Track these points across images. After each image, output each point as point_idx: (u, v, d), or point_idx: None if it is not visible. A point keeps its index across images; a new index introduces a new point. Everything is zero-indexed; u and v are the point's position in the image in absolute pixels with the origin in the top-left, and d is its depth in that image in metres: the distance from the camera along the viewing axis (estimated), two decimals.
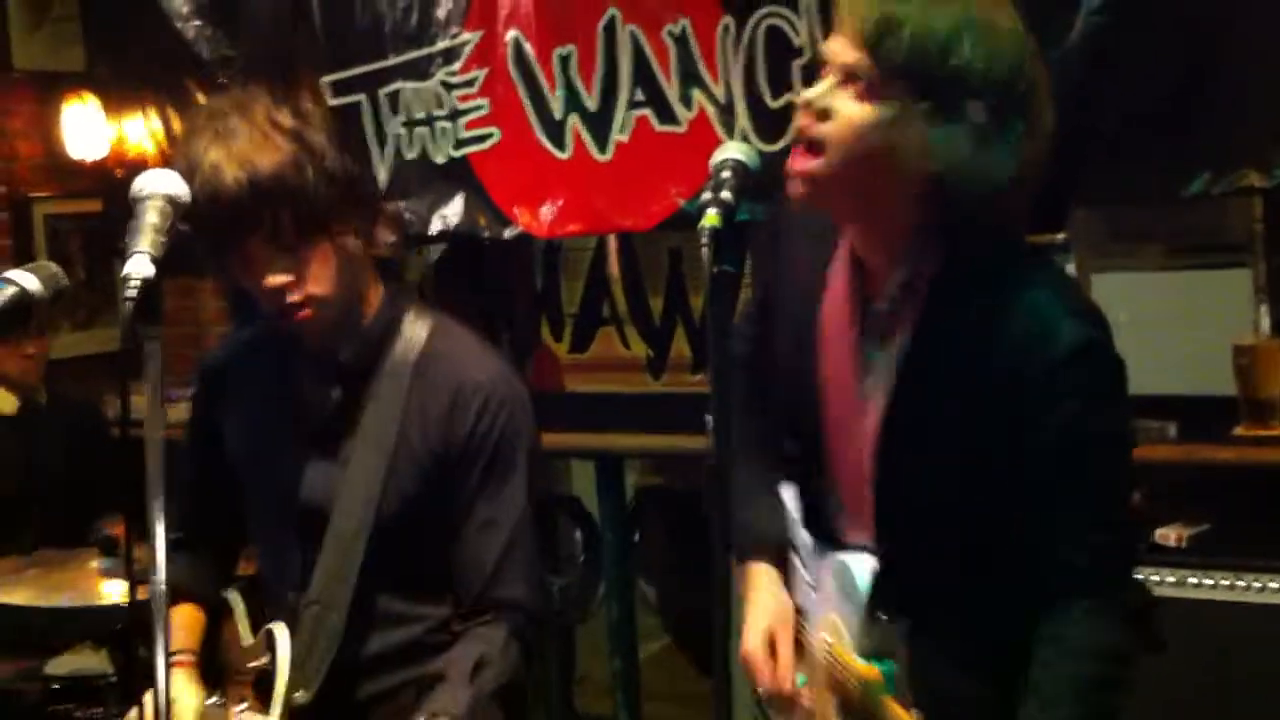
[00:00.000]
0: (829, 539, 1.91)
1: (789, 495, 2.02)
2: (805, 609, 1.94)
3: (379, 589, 2.06)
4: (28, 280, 1.59)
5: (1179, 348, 3.26)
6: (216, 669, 2.16)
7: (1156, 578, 2.74)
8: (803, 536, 1.96)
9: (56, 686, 3.28)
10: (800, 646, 1.93)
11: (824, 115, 1.65)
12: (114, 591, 3.25)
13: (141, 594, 1.54)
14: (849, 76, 1.64)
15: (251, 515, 2.20)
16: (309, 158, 1.94)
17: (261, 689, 2.05)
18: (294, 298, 1.96)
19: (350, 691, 2.07)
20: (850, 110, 1.63)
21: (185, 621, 2.16)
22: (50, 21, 4.95)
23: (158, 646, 1.49)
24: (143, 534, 1.56)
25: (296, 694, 2.01)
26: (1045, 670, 1.67)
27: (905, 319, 1.75)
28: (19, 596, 3.18)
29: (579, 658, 4.49)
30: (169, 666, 1.99)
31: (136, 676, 3.10)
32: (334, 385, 2.08)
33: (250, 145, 1.90)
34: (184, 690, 2.06)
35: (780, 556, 1.99)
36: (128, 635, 3.19)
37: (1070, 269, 3.58)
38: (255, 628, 2.14)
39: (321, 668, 2.02)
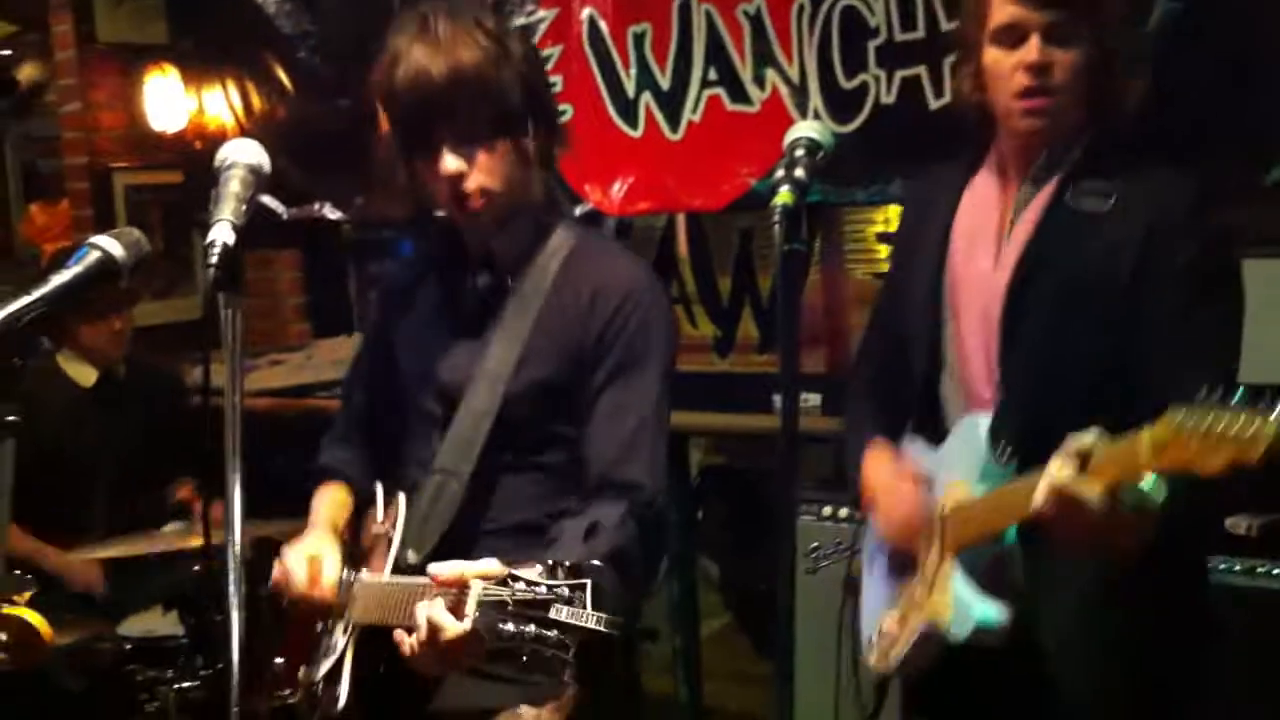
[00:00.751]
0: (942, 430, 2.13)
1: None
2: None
3: (500, 466, 2.11)
4: (112, 246, 1.61)
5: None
6: (353, 545, 2.22)
7: (1225, 566, 2.71)
8: (916, 445, 2.16)
9: (129, 647, 3.34)
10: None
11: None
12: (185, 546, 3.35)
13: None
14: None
15: (400, 402, 2.26)
16: (507, 60, 2.02)
17: (381, 551, 2.12)
18: (469, 186, 2.03)
19: (462, 557, 2.05)
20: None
21: (331, 498, 2.27)
22: None
23: (233, 612, 1.51)
24: (216, 497, 1.59)
25: (408, 553, 2.07)
26: None
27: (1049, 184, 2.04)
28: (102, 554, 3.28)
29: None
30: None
31: (209, 638, 3.18)
32: (483, 273, 2.15)
33: (456, 41, 1.99)
34: (328, 549, 2.14)
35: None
36: (198, 598, 3.26)
37: None
38: (390, 503, 2.20)
39: (435, 532, 2.07)
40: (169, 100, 4.98)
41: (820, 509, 3.33)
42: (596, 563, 1.70)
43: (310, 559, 2.10)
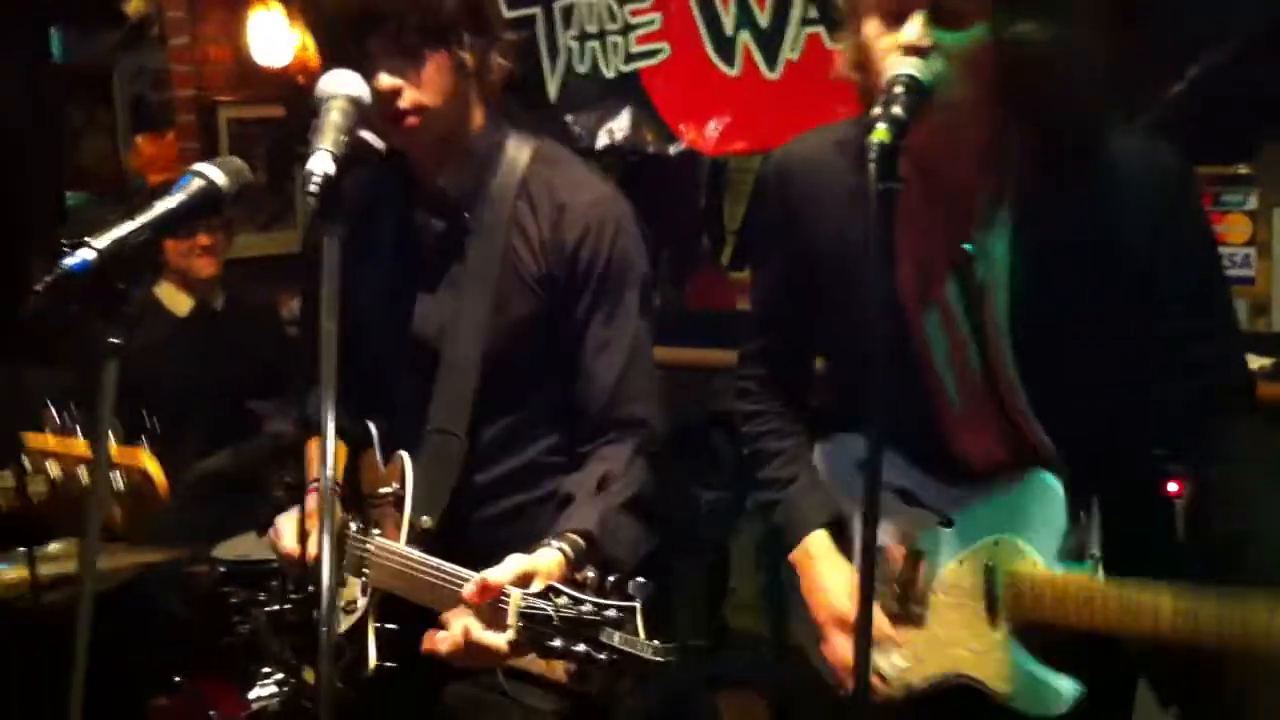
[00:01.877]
0: (942, 469, 1.90)
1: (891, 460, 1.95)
2: (926, 549, 1.92)
3: (496, 414, 2.08)
4: (215, 174, 1.63)
5: None
6: (356, 494, 2.21)
7: None
8: (913, 475, 1.94)
9: (223, 569, 3.40)
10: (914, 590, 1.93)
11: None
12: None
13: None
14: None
15: (373, 351, 2.21)
16: None
17: (392, 513, 2.10)
18: (404, 103, 1.97)
19: (472, 514, 2.10)
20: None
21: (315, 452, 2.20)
22: None
23: (325, 537, 1.53)
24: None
25: (422, 519, 2.05)
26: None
27: (1001, 205, 1.78)
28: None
29: (731, 573, 4.53)
30: (310, 492, 2.09)
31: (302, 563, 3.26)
32: (438, 216, 2.10)
33: None
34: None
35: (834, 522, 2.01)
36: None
37: (1252, 202, 3.45)
38: (387, 452, 2.18)
39: (444, 493, 2.06)
40: (274, 35, 5.04)
41: None
42: (642, 580, 1.65)
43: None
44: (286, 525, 2.15)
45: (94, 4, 6.90)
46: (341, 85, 1.68)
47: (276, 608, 3.21)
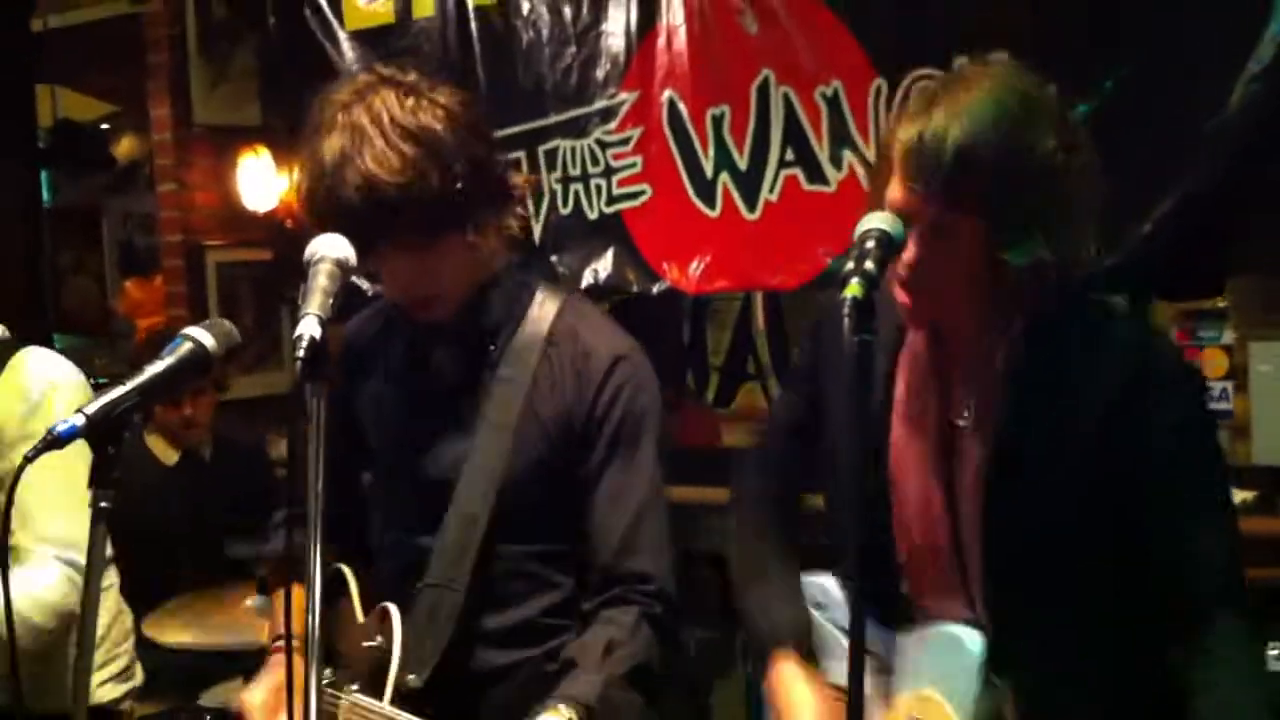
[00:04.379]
0: (900, 619, 1.90)
1: (834, 590, 2.03)
2: (875, 692, 1.89)
3: (499, 568, 2.01)
4: (203, 337, 1.65)
5: None
6: (328, 643, 2.08)
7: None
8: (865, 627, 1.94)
9: (208, 718, 3.39)
10: None
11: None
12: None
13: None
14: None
15: (375, 492, 2.18)
16: (434, 162, 1.88)
17: (374, 669, 2.01)
18: (422, 294, 1.97)
19: (464, 670, 2.02)
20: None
21: (302, 603, 2.13)
22: (229, 80, 5.20)
23: (312, 685, 1.52)
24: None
25: (409, 677, 1.96)
26: (1222, 691, 1.68)
27: (993, 387, 1.80)
28: (181, 637, 3.32)
29: (715, 715, 4.48)
30: (274, 651, 2.10)
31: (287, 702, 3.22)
32: (460, 362, 2.05)
33: (372, 153, 1.85)
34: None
35: (802, 651, 1.99)
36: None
37: (1228, 336, 3.50)
38: (366, 603, 2.10)
39: (436, 650, 1.98)
40: (261, 180, 5.12)
41: None
42: None
43: (277, 689, 2.01)
44: (255, 697, 2.05)
45: (84, 147, 7.04)
46: (328, 249, 1.71)
47: None
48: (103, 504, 1.55)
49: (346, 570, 2.15)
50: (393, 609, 2.01)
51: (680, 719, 4.16)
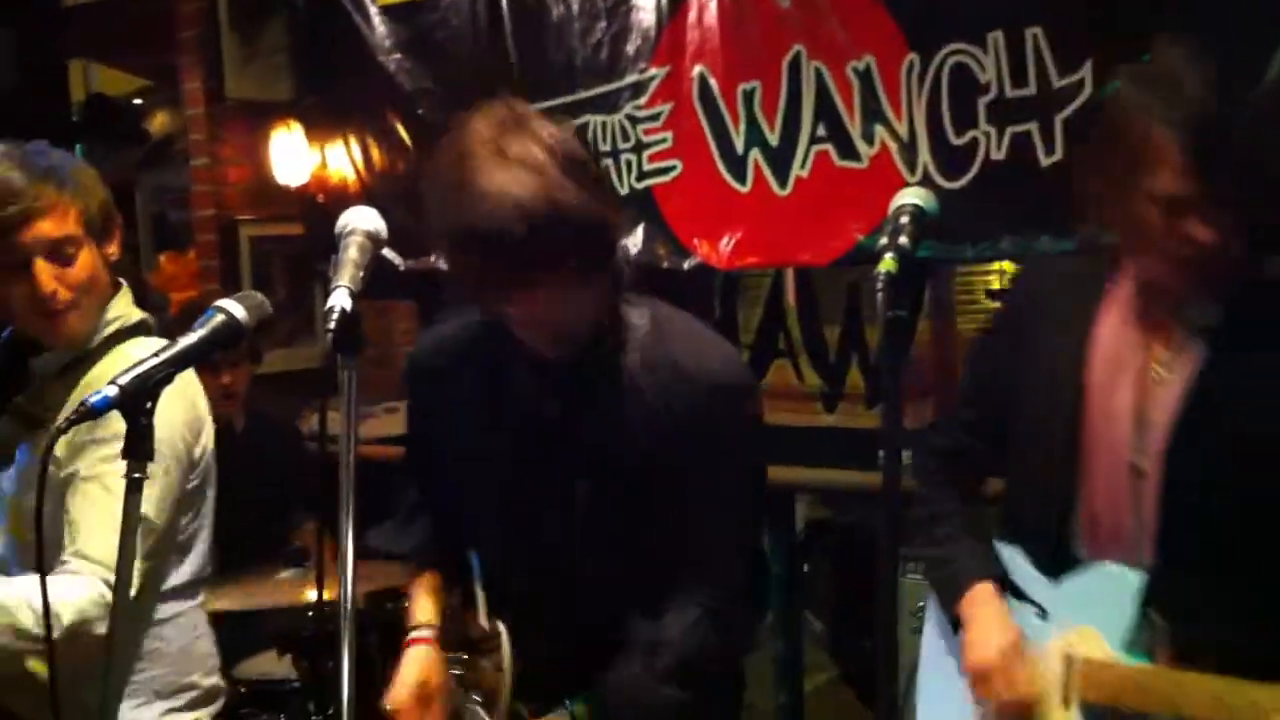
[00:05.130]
0: (1063, 566, 2.06)
1: (1005, 547, 2.17)
2: (1030, 638, 2.09)
3: (600, 591, 2.04)
4: (235, 309, 1.67)
5: None
6: (454, 630, 2.21)
7: None
8: (1028, 572, 2.11)
9: (243, 690, 3.40)
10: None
11: None
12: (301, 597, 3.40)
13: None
14: None
15: (470, 510, 2.19)
16: (602, 194, 1.86)
17: (490, 687, 2.12)
18: (566, 329, 1.93)
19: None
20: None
21: (428, 592, 2.23)
22: (261, 55, 5.21)
23: (344, 659, 1.54)
24: (334, 546, 1.64)
25: (519, 707, 2.07)
26: None
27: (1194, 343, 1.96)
28: (213, 606, 3.33)
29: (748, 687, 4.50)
30: (410, 643, 2.17)
31: (323, 683, 3.24)
32: (553, 395, 2.01)
33: (547, 184, 1.77)
34: (431, 669, 2.14)
35: (999, 586, 2.15)
36: (313, 644, 3.32)
37: None
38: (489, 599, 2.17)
39: (547, 680, 2.06)
40: (293, 155, 5.13)
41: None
42: None
43: (420, 684, 2.11)
44: (399, 696, 2.12)
45: (117, 122, 7.08)
46: (360, 220, 1.72)
47: None
48: (135, 475, 1.56)
49: (475, 559, 2.20)
50: (505, 633, 2.10)
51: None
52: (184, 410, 2.36)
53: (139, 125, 7.19)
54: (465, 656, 2.18)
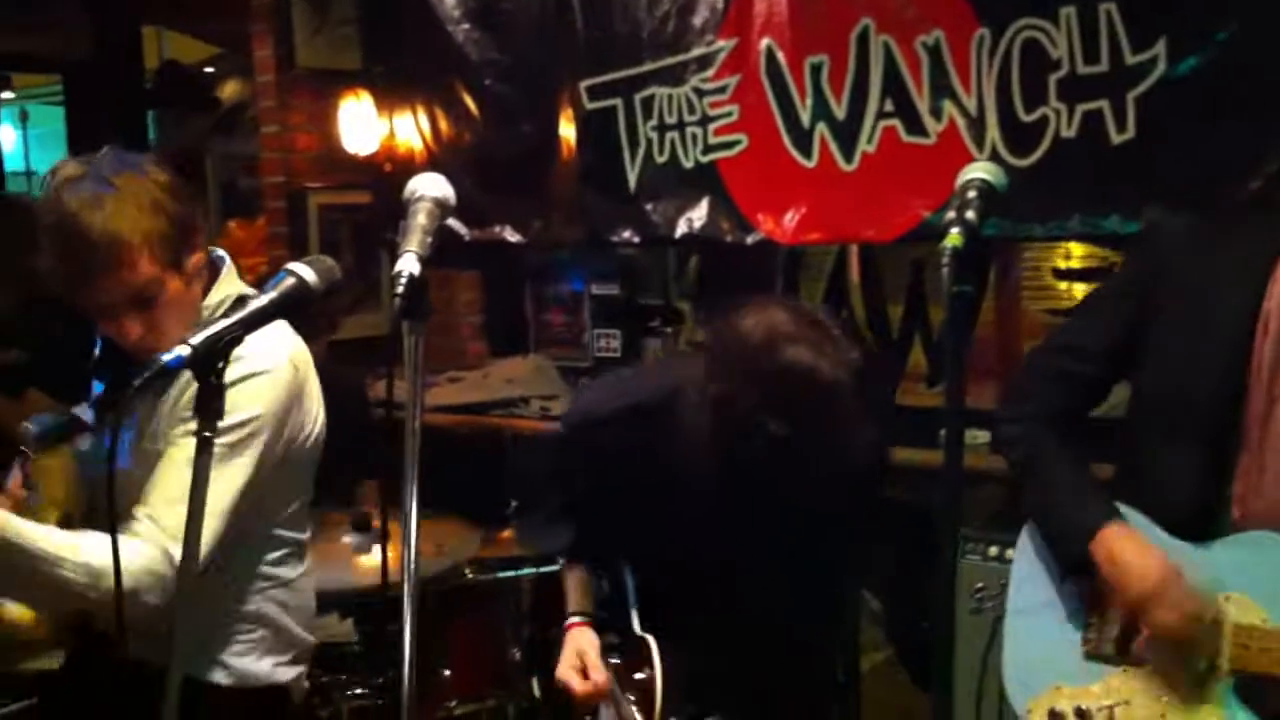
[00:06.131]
0: (1210, 534, 2.04)
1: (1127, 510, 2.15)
2: None
3: (763, 621, 2.26)
4: (306, 272, 1.68)
5: None
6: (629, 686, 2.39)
7: None
8: (1159, 537, 2.08)
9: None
10: None
11: None
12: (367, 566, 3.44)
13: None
14: None
15: (626, 526, 2.39)
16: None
17: (645, 690, 2.29)
18: None
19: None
20: None
21: (579, 583, 2.46)
22: (331, 24, 5.24)
23: (407, 623, 1.56)
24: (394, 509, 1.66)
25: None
26: None
27: None
28: None
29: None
30: (570, 626, 2.37)
31: (383, 647, 3.28)
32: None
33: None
34: (592, 648, 2.35)
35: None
36: (378, 609, 3.35)
37: None
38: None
39: (695, 692, 2.23)
40: (362, 124, 5.17)
41: (986, 549, 3.29)
42: None
43: (583, 659, 2.33)
44: (566, 672, 2.34)
45: (189, 90, 7.16)
46: (429, 187, 1.74)
47: (357, 691, 3.27)
48: (206, 434, 1.59)
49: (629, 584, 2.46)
50: (655, 648, 2.30)
51: None
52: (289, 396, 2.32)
53: (210, 93, 7.26)
54: (617, 662, 2.36)
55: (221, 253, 2.35)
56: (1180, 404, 2.07)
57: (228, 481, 2.12)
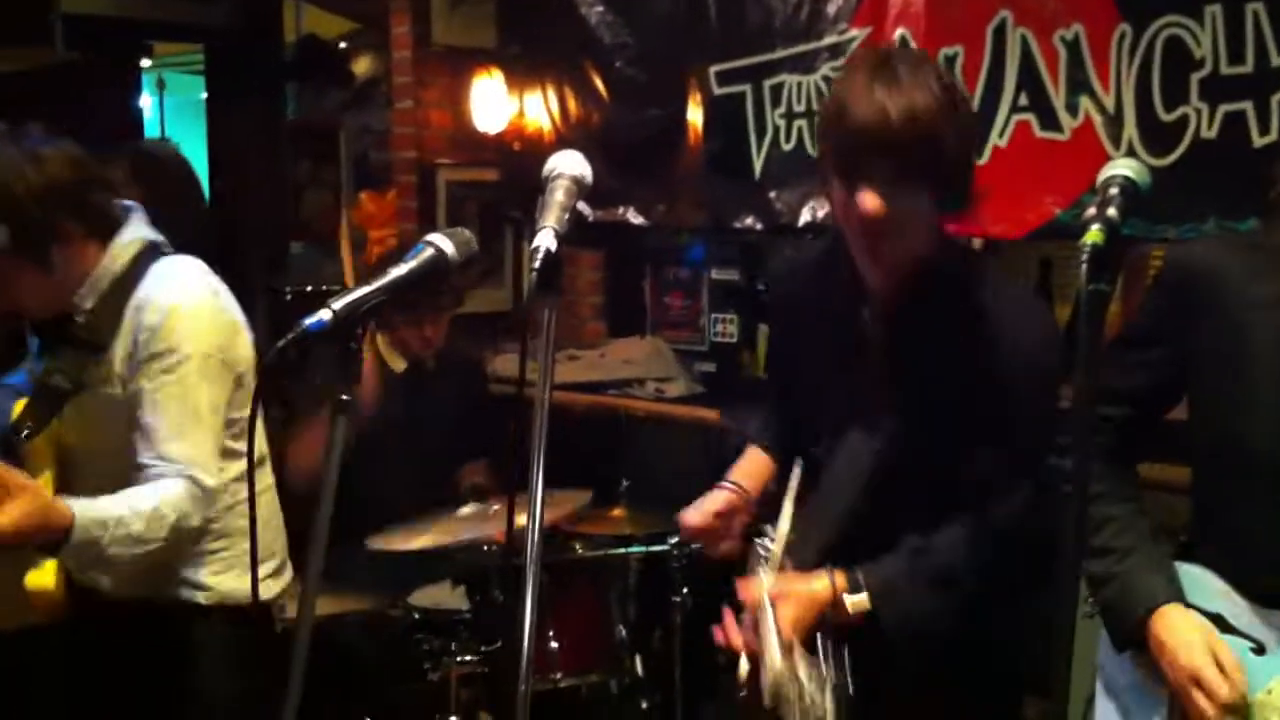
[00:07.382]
0: (1266, 593, 1.93)
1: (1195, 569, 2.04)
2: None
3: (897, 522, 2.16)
4: (445, 244, 1.71)
5: None
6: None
7: None
8: (1232, 600, 1.96)
9: (417, 616, 3.50)
10: None
11: None
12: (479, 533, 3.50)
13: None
14: None
15: (801, 420, 2.36)
16: (954, 114, 2.01)
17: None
18: (902, 252, 2.07)
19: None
20: None
21: (752, 461, 2.44)
22: (468, 3, 5.31)
23: (529, 595, 1.56)
24: (517, 486, 1.69)
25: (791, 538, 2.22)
26: None
27: None
28: (395, 543, 3.47)
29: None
30: (719, 486, 2.37)
31: (490, 615, 3.34)
32: (882, 321, 2.16)
33: (916, 90, 1.97)
34: (729, 510, 2.35)
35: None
36: (486, 577, 3.41)
37: None
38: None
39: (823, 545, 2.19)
40: (493, 102, 5.23)
41: None
42: None
43: (716, 515, 2.32)
44: (691, 517, 2.34)
45: (326, 64, 7.30)
46: (568, 165, 1.77)
47: (464, 658, 3.33)
48: (344, 397, 1.63)
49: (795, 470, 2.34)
50: (797, 468, 2.28)
51: None
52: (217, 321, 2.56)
53: (345, 67, 7.39)
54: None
55: (129, 203, 2.61)
56: (1240, 455, 1.93)
57: (193, 399, 2.45)
